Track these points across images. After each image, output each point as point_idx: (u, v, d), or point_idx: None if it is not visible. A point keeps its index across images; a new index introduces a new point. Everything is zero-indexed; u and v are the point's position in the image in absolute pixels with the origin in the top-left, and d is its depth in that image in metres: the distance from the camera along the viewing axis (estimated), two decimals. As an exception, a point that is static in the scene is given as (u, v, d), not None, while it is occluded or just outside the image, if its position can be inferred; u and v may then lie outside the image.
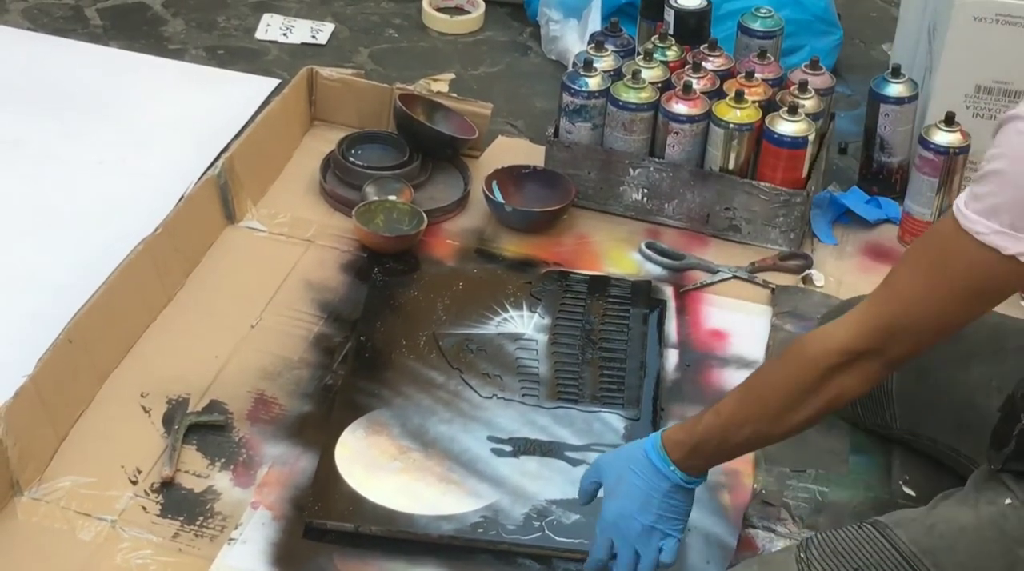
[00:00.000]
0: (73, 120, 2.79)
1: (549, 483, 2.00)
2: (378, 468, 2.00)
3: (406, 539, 1.91)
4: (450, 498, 1.97)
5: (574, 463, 2.03)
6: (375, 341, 2.24)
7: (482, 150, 2.73)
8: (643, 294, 2.37)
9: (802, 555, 1.68)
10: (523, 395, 2.15)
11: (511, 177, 2.59)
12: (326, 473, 1.98)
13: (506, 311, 2.32)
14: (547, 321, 2.30)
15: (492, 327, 2.29)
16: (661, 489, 1.73)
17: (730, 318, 2.35)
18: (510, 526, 1.92)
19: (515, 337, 2.27)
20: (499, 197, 2.54)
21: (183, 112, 2.84)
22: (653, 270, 2.45)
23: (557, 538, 1.91)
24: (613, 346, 2.26)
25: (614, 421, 2.11)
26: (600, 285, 2.38)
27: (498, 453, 2.04)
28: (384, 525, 1.91)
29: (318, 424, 2.08)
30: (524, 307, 2.33)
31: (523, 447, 2.05)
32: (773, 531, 1.95)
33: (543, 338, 2.27)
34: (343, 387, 2.14)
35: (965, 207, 1.52)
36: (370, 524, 1.91)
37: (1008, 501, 1.67)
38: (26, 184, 2.60)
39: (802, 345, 1.67)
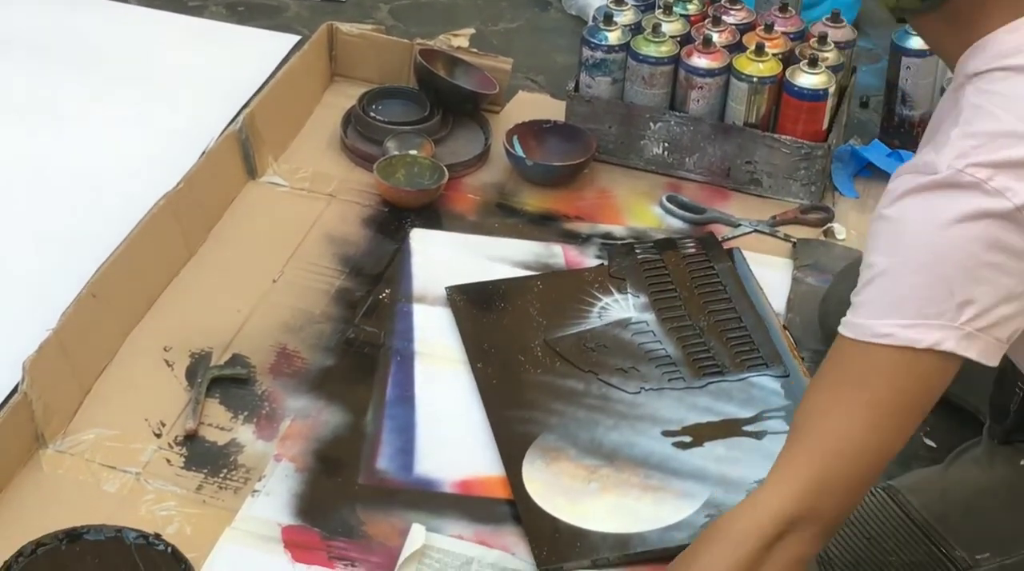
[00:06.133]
0: (94, 77, 2.79)
1: (747, 464, 1.88)
2: (578, 494, 1.88)
3: (642, 559, 1.78)
4: (666, 506, 1.85)
5: (758, 436, 1.94)
6: (494, 365, 2.09)
7: (503, 105, 2.73)
8: (715, 247, 2.29)
9: None
10: (668, 380, 2.06)
11: (532, 132, 2.58)
12: (534, 515, 1.84)
13: (599, 299, 2.22)
14: (643, 299, 2.20)
15: (595, 319, 2.18)
16: None
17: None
18: None
19: (624, 323, 2.16)
20: (520, 152, 2.54)
21: (203, 69, 2.84)
22: (674, 224, 2.45)
23: None
24: (720, 308, 2.17)
25: (768, 383, 2.02)
26: (668, 247, 2.30)
27: (680, 446, 1.94)
28: (619, 550, 1.79)
29: (340, 377, 2.09)
30: (613, 290, 2.23)
31: (701, 434, 1.94)
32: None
33: (651, 317, 2.16)
34: (494, 423, 1.99)
35: (859, 319, 1.43)
36: (605, 554, 1.79)
37: (1023, 462, 1.68)
38: (47, 140, 2.60)
39: (731, 521, 1.46)
